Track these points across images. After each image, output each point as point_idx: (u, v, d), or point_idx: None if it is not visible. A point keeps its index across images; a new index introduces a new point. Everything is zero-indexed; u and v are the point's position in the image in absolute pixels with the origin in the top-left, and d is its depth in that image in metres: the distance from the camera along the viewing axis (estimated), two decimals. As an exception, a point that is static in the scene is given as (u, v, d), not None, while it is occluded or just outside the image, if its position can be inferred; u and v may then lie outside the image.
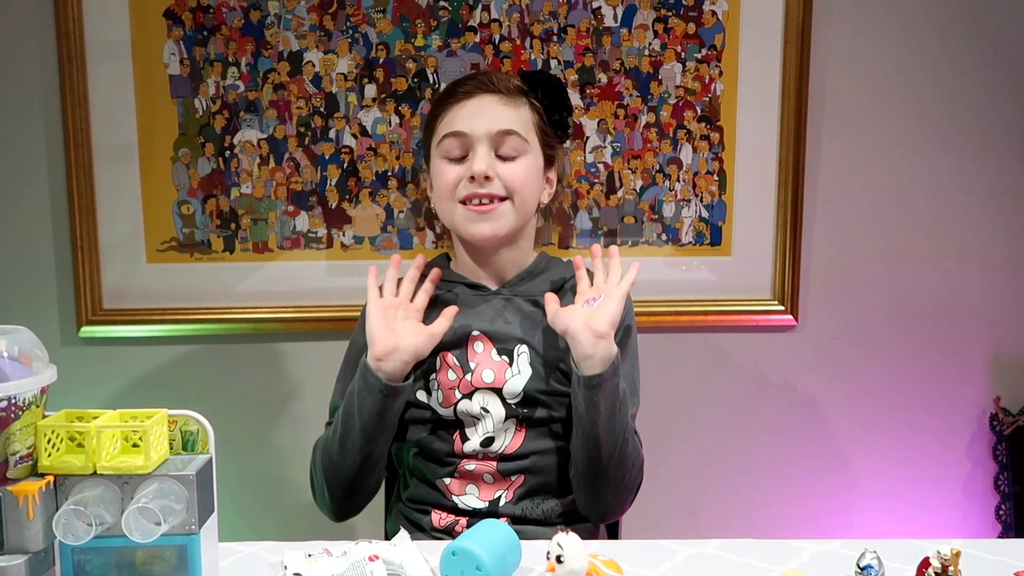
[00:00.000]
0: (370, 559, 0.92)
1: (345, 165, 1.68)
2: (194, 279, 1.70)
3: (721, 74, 1.67)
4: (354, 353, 1.29)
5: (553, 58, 1.66)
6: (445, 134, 1.27)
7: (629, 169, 1.69)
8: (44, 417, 0.84)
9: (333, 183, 1.68)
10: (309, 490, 1.25)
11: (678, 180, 1.70)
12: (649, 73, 1.67)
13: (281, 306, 1.71)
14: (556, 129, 1.33)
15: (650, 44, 1.66)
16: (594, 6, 1.65)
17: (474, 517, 1.23)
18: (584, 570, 0.90)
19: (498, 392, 1.24)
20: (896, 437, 1.80)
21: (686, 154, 1.69)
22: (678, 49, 1.66)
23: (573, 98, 1.66)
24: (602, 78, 1.66)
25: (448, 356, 1.26)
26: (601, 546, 1.09)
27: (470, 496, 1.25)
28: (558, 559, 0.89)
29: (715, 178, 1.70)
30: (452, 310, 1.25)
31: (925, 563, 0.90)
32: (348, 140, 1.67)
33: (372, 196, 1.69)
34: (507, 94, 1.28)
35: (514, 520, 1.23)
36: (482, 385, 1.24)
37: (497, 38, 1.65)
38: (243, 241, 1.70)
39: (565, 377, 1.24)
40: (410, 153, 1.68)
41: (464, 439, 1.24)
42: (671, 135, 1.68)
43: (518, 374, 1.24)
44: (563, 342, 1.21)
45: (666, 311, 1.73)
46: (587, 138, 1.68)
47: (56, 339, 1.70)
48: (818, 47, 1.66)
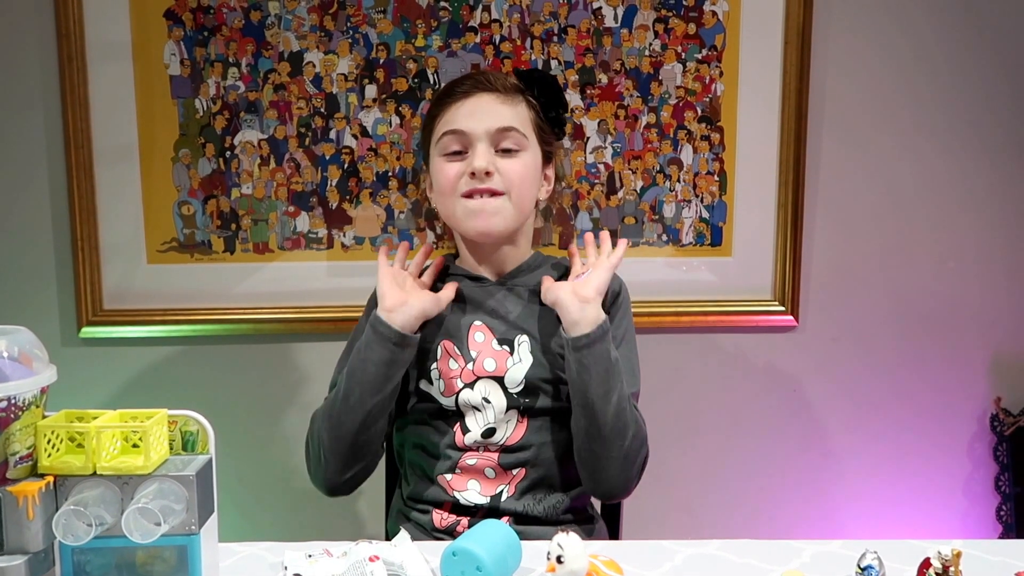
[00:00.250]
0: (370, 559, 0.92)
1: (345, 166, 1.68)
2: (194, 280, 1.70)
3: (721, 74, 1.67)
4: (359, 336, 1.29)
5: (553, 58, 1.66)
6: (444, 132, 1.27)
7: (630, 170, 1.69)
8: (44, 417, 0.84)
9: (334, 184, 1.68)
10: (310, 490, 1.25)
11: (678, 181, 1.70)
12: (649, 73, 1.67)
13: (281, 307, 1.71)
14: (553, 126, 1.33)
15: (650, 44, 1.66)
16: (594, 7, 1.65)
17: (475, 515, 1.23)
18: (584, 570, 0.90)
19: (500, 381, 1.24)
20: (896, 437, 1.80)
21: (686, 155, 1.69)
22: (678, 49, 1.66)
23: (574, 99, 1.66)
24: (602, 78, 1.67)
25: (449, 345, 1.27)
26: (601, 546, 1.09)
27: (471, 491, 1.25)
28: (558, 559, 0.89)
29: (715, 179, 1.70)
30: (454, 284, 1.29)
31: (926, 564, 0.89)
32: (349, 141, 1.67)
33: (372, 197, 1.69)
34: (504, 92, 1.29)
35: (516, 518, 1.23)
36: (484, 374, 1.24)
37: (497, 39, 1.65)
38: (243, 242, 1.70)
39: (565, 364, 1.24)
40: (411, 154, 1.68)
41: (465, 431, 1.25)
42: (671, 136, 1.68)
43: (519, 362, 1.25)
44: (562, 329, 1.21)
45: (667, 311, 1.73)
46: (588, 138, 1.68)
47: (56, 339, 1.70)
48: (818, 47, 1.66)
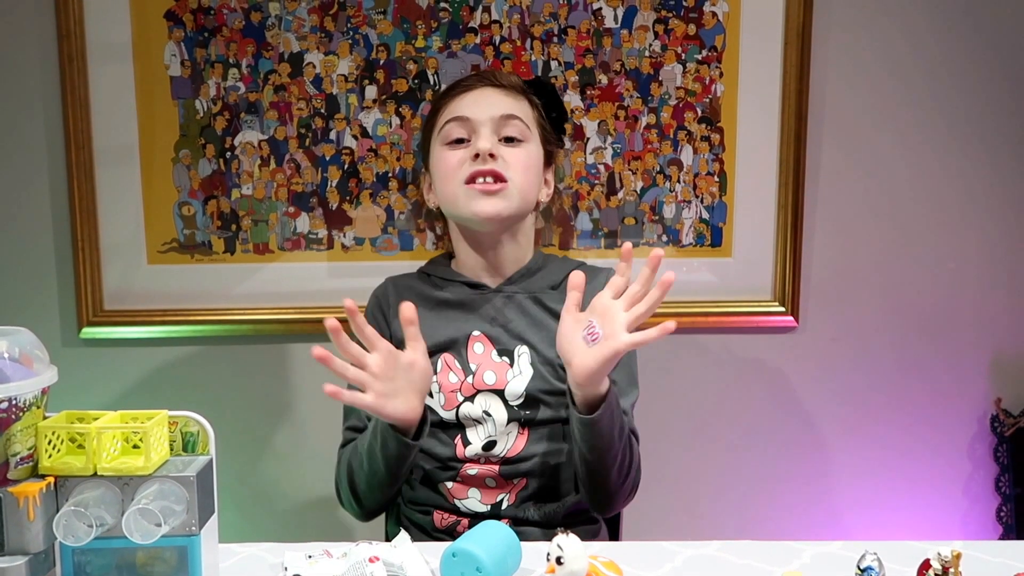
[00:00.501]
0: (370, 560, 0.92)
1: (346, 166, 1.68)
2: (195, 280, 1.70)
3: (721, 75, 1.67)
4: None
5: (553, 59, 1.66)
6: (447, 120, 1.27)
7: (630, 170, 1.69)
8: (45, 418, 0.84)
9: (334, 184, 1.68)
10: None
11: (678, 181, 1.70)
12: (649, 74, 1.67)
13: (282, 307, 1.71)
14: (553, 129, 1.33)
15: (650, 45, 1.66)
16: (594, 7, 1.65)
17: (476, 518, 1.23)
18: (584, 571, 0.90)
19: (500, 394, 1.23)
20: (896, 438, 1.80)
21: (686, 155, 1.69)
22: (678, 50, 1.66)
23: (574, 99, 1.66)
24: (602, 79, 1.67)
25: (448, 358, 1.26)
26: (601, 547, 1.09)
27: (472, 500, 1.25)
28: (558, 560, 0.89)
29: (715, 179, 1.70)
30: (409, 311, 1.11)
31: (925, 565, 0.89)
32: (349, 141, 1.67)
33: (373, 197, 1.69)
34: (508, 87, 1.29)
35: (516, 521, 1.23)
36: (484, 387, 1.23)
37: (497, 39, 1.65)
38: (244, 242, 1.70)
39: (566, 375, 1.24)
40: (411, 154, 1.68)
41: (466, 443, 1.24)
42: (671, 136, 1.68)
43: (519, 375, 1.24)
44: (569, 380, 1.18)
45: (666, 312, 1.71)
46: (588, 139, 1.68)
47: (57, 340, 1.70)
48: (818, 48, 1.66)
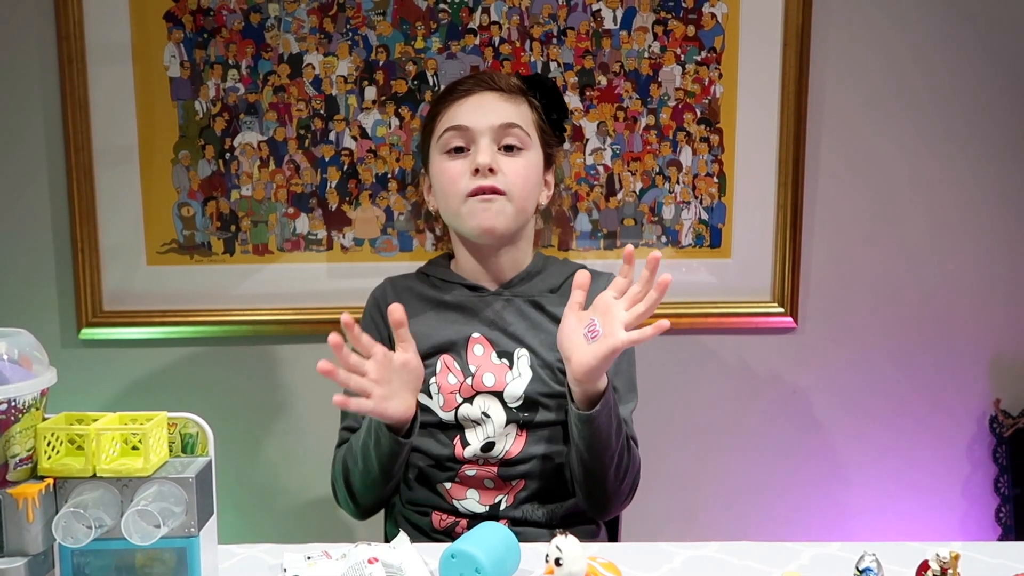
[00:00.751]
0: (369, 561, 0.92)
1: (345, 167, 1.68)
2: (194, 281, 1.70)
3: (721, 76, 1.67)
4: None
5: (553, 60, 1.66)
6: (446, 128, 1.26)
7: (629, 171, 1.69)
8: (44, 419, 0.84)
9: (333, 185, 1.68)
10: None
11: (678, 182, 1.70)
12: (649, 75, 1.67)
13: (281, 308, 1.71)
14: (554, 129, 1.33)
15: (650, 46, 1.66)
16: (594, 8, 1.65)
17: (474, 519, 1.23)
18: (583, 573, 0.90)
19: (499, 396, 1.23)
20: (896, 439, 1.80)
21: (686, 156, 1.69)
22: (678, 51, 1.66)
23: (573, 100, 1.66)
24: (602, 80, 1.67)
25: (448, 359, 1.26)
26: (600, 548, 1.09)
27: (470, 500, 1.25)
28: (557, 562, 0.89)
29: (715, 180, 1.70)
30: (398, 312, 1.11)
31: (924, 566, 0.89)
32: (348, 142, 1.67)
33: (372, 198, 1.69)
34: (507, 91, 1.28)
35: (514, 522, 1.23)
36: (483, 389, 1.23)
37: (497, 40, 1.65)
38: (243, 243, 1.70)
39: (565, 378, 1.24)
40: (410, 155, 1.68)
41: (464, 444, 1.24)
42: (671, 137, 1.69)
43: (518, 377, 1.24)
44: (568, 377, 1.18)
45: (666, 313, 1.69)
46: (587, 140, 1.68)
47: (56, 341, 1.70)
48: (817, 49, 1.66)
